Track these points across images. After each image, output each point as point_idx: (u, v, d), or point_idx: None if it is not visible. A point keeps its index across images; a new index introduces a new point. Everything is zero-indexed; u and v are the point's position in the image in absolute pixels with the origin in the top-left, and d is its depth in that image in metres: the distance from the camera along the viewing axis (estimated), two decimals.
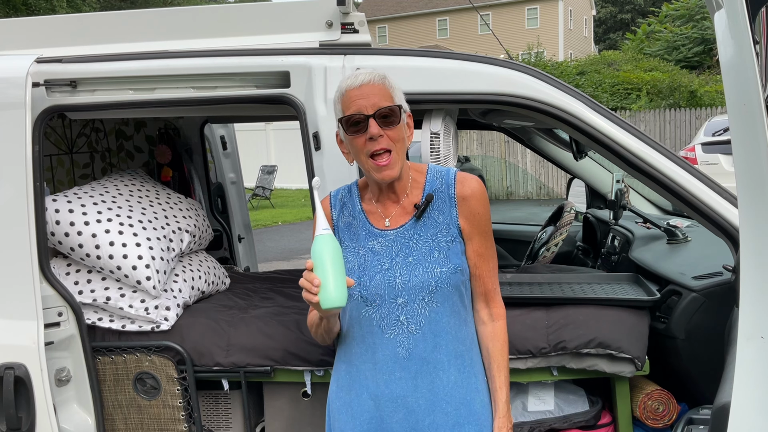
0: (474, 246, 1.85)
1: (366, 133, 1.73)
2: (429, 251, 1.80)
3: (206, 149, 4.35)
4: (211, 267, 3.14)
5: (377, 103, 1.74)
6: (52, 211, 2.61)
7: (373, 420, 1.81)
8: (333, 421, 1.91)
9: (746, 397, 1.29)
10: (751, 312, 1.26)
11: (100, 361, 2.58)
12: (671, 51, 26.51)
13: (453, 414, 1.79)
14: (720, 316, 2.24)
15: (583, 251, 3.96)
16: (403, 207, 1.86)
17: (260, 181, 17.47)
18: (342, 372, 1.89)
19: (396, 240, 1.82)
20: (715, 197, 2.11)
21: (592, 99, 2.26)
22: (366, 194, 1.91)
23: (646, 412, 2.45)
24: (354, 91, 1.76)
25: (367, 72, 1.78)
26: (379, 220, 1.86)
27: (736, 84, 1.21)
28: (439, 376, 1.79)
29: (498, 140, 17.73)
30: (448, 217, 1.83)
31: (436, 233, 1.82)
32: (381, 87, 1.76)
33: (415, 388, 1.79)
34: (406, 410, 1.78)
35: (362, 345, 1.83)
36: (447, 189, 1.85)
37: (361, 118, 1.74)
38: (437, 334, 1.79)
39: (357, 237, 1.87)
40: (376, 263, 1.82)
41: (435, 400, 1.79)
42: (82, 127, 3.53)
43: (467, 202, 1.84)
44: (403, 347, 1.79)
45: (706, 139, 12.11)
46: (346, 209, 1.91)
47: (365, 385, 1.83)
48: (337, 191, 1.97)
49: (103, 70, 2.41)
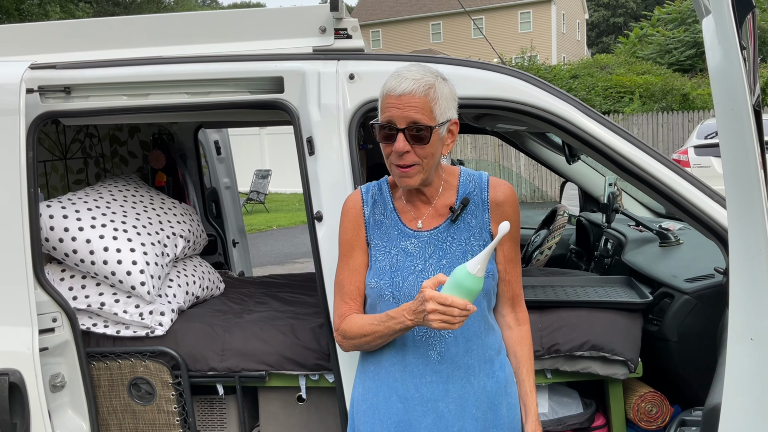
0: (505, 251, 1.84)
1: (394, 144, 1.69)
2: (462, 255, 1.78)
3: (200, 154, 4.36)
4: (205, 272, 3.14)
5: (412, 117, 1.66)
6: (47, 216, 2.61)
7: (402, 423, 1.77)
8: (358, 423, 1.86)
9: (736, 398, 1.30)
10: (741, 313, 1.28)
11: (94, 367, 2.57)
12: (664, 54, 26.62)
13: (482, 419, 1.77)
14: (712, 318, 2.26)
15: (577, 254, 3.98)
16: (436, 209, 1.83)
17: (254, 185, 17.45)
18: (369, 374, 1.84)
19: (430, 241, 1.80)
20: (705, 200, 2.13)
21: (583, 103, 2.28)
22: (397, 192, 1.88)
23: (640, 414, 2.46)
24: (392, 98, 1.68)
25: (412, 78, 1.67)
26: (411, 221, 1.83)
27: (724, 89, 1.22)
28: (470, 381, 1.77)
29: (492, 144, 17.77)
30: (481, 221, 1.81)
31: (469, 237, 1.80)
32: (422, 100, 1.66)
33: (446, 392, 1.76)
34: (436, 415, 1.75)
35: (392, 347, 1.79)
36: (480, 193, 1.83)
37: (393, 130, 1.68)
38: (469, 339, 1.77)
39: (389, 236, 1.83)
40: (409, 264, 1.79)
41: (465, 406, 1.76)
42: (76, 133, 3.53)
43: (501, 207, 1.82)
44: (435, 350, 1.76)
45: (699, 142, 12.16)
46: (377, 207, 1.87)
47: (394, 388, 1.79)
48: (367, 187, 1.91)
49: (97, 76, 2.42)
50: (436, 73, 1.73)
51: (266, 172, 17.72)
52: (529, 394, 1.85)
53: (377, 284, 1.79)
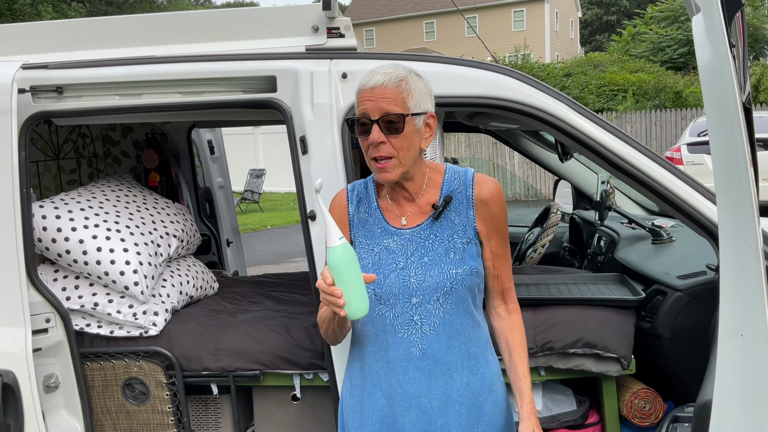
0: (492, 247, 1.85)
1: (369, 137, 1.72)
2: (445, 252, 1.79)
3: (194, 154, 4.35)
4: (199, 272, 3.14)
5: (384, 108, 1.69)
6: (39, 217, 2.60)
7: (385, 419, 1.80)
8: (346, 419, 1.89)
9: (727, 394, 1.31)
10: (731, 310, 1.28)
11: (88, 367, 2.57)
12: (657, 52, 26.67)
13: (465, 415, 1.78)
14: (704, 314, 2.27)
15: (570, 252, 3.99)
16: (420, 206, 1.84)
17: (249, 184, 17.42)
18: (355, 370, 1.87)
19: (412, 239, 1.81)
20: (697, 197, 2.14)
21: (576, 101, 2.29)
22: (382, 190, 1.89)
23: (633, 410, 2.47)
24: (365, 92, 1.72)
25: (384, 72, 1.72)
26: (395, 218, 1.84)
27: (713, 86, 1.23)
28: (453, 378, 1.78)
29: (486, 142, 17.78)
30: (465, 218, 1.82)
31: (452, 234, 1.81)
32: (393, 90, 1.70)
33: (429, 388, 1.78)
34: (419, 411, 1.78)
35: (375, 343, 1.81)
36: (465, 190, 1.84)
37: (367, 122, 1.71)
38: (451, 336, 1.78)
39: (372, 234, 1.84)
40: (391, 261, 1.80)
41: (448, 402, 1.78)
42: (69, 133, 3.52)
43: (487, 205, 1.83)
44: (417, 347, 1.77)
45: (692, 140, 12.19)
46: (362, 205, 1.89)
47: (378, 384, 1.81)
48: (353, 186, 1.93)
49: (89, 76, 2.41)
50: (409, 69, 1.76)
51: (260, 171, 17.70)
52: (523, 378, 1.84)
53: None
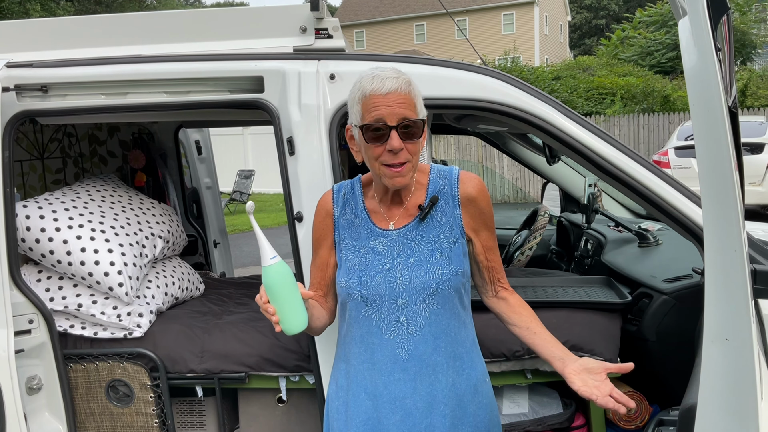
0: (483, 241, 1.86)
1: (386, 144, 1.68)
2: (431, 252, 1.78)
3: (181, 154, 4.32)
4: (185, 273, 3.12)
5: (402, 113, 1.66)
6: (23, 217, 2.57)
7: (370, 420, 1.79)
8: (331, 420, 1.89)
9: (712, 398, 1.31)
10: (716, 313, 1.28)
11: (71, 369, 2.54)
12: (645, 56, 26.84)
13: (450, 416, 1.78)
14: (690, 318, 2.27)
15: (557, 255, 4.00)
16: (407, 209, 1.83)
17: (237, 185, 17.37)
18: (341, 371, 1.87)
19: (398, 240, 1.80)
20: (683, 200, 2.14)
21: (563, 104, 2.29)
22: (369, 191, 1.88)
23: (619, 413, 2.47)
24: (377, 98, 1.67)
25: (393, 77, 1.68)
26: (382, 221, 1.84)
27: (699, 90, 1.23)
28: (438, 379, 1.78)
29: (475, 144, 17.82)
30: (451, 217, 1.82)
31: (439, 234, 1.80)
32: (406, 96, 1.67)
33: (414, 390, 1.77)
34: (404, 412, 1.77)
35: (361, 345, 1.81)
36: (450, 189, 1.83)
37: (384, 128, 1.67)
38: (437, 336, 1.78)
39: (359, 235, 1.84)
40: (377, 263, 1.79)
41: (433, 403, 1.78)
42: (54, 132, 3.49)
43: (474, 201, 1.83)
44: (403, 348, 1.77)
45: (680, 143, 12.29)
46: (348, 206, 1.88)
47: (363, 385, 1.81)
48: (339, 186, 1.92)
49: (75, 75, 2.39)
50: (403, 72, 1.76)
51: (249, 172, 17.65)
52: (556, 344, 1.83)
53: (346, 283, 1.80)
